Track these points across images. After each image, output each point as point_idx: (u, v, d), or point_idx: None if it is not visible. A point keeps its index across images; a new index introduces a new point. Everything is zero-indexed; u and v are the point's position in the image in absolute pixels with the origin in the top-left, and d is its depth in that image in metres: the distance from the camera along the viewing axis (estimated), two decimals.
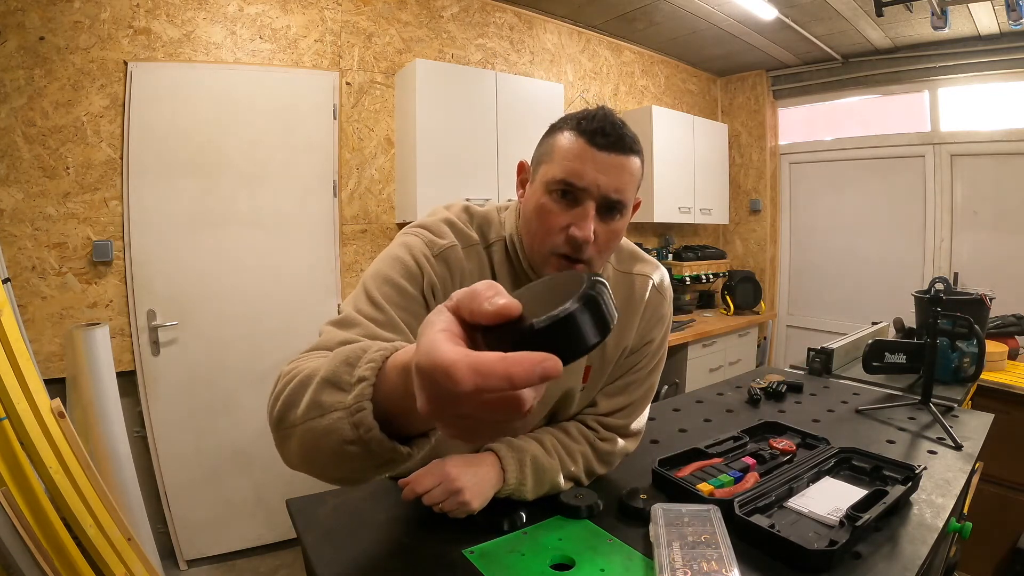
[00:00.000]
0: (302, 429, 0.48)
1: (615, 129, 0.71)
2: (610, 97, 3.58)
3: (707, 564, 0.63)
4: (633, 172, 0.74)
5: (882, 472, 0.93)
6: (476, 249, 0.82)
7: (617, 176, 0.72)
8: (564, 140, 0.73)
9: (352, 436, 0.42)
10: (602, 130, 0.71)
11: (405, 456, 0.43)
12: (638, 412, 0.95)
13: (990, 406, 1.61)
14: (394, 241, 0.81)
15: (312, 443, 0.47)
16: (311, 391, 0.48)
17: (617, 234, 0.76)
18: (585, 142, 0.71)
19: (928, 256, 3.47)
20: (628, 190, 0.73)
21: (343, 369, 0.45)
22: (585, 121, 0.72)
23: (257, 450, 2.30)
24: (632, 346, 0.92)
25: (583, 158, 0.71)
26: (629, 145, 0.72)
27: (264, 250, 2.30)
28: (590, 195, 0.72)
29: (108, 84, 1.96)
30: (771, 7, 2.85)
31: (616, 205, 0.73)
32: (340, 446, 0.43)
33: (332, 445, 0.44)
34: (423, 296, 0.75)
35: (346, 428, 0.42)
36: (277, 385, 0.56)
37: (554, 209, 0.73)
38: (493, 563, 0.70)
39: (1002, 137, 3.14)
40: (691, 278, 3.68)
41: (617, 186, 0.72)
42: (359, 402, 0.42)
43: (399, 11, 2.62)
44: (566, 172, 0.72)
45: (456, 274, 0.78)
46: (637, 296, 0.91)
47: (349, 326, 0.68)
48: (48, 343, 1.90)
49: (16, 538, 1.26)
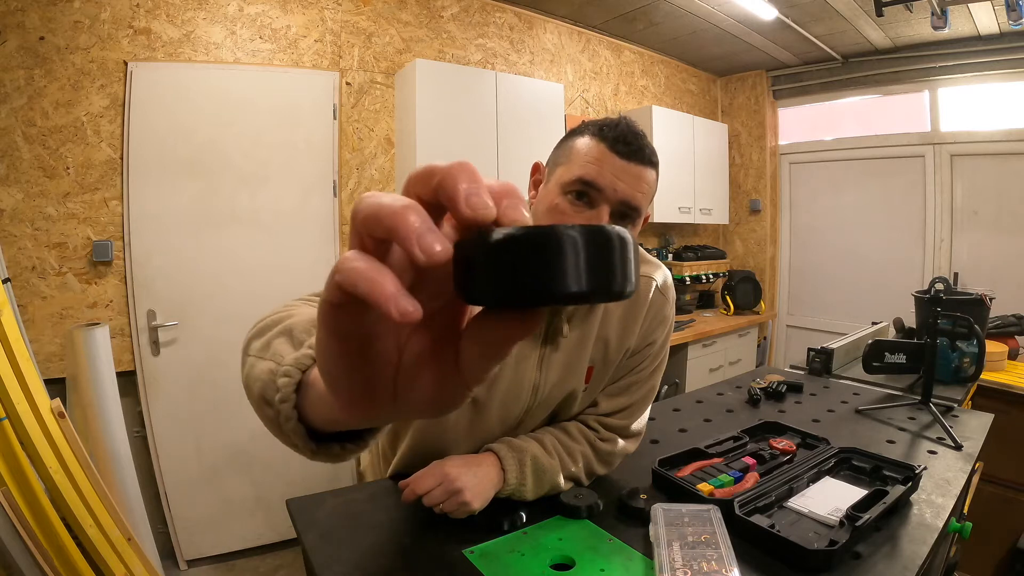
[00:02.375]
0: (250, 360, 0.48)
1: (636, 139, 0.73)
2: (610, 97, 3.58)
3: (707, 564, 0.63)
4: (650, 183, 0.75)
5: (882, 472, 0.93)
6: None
7: (635, 184, 0.73)
8: (584, 144, 0.75)
9: (271, 397, 0.37)
10: (623, 138, 0.72)
11: (310, 452, 0.35)
12: (639, 413, 0.95)
13: (990, 406, 1.61)
14: None
15: (247, 380, 0.47)
16: (274, 332, 0.48)
17: None
18: (606, 147, 0.73)
19: (928, 256, 3.47)
20: (643, 200, 0.75)
21: (306, 327, 0.44)
22: (607, 128, 0.74)
23: (257, 450, 2.30)
24: (634, 347, 0.92)
25: (602, 162, 0.72)
26: (648, 156, 0.74)
27: (264, 250, 2.30)
28: (606, 199, 0.73)
29: (108, 84, 1.96)
30: (771, 7, 2.85)
31: (630, 213, 0.75)
32: (260, 400, 0.41)
33: (256, 392, 0.43)
34: None
35: (270, 385, 0.38)
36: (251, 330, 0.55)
37: (568, 210, 0.74)
38: (493, 563, 0.70)
39: (1002, 137, 3.14)
40: (691, 278, 3.68)
41: (634, 194, 0.73)
42: (295, 365, 0.36)
43: (399, 11, 2.62)
44: (584, 172, 0.73)
45: None
46: (640, 297, 0.91)
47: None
48: (48, 343, 1.90)
49: (16, 538, 1.26)
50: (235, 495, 2.28)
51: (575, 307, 0.81)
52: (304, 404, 0.34)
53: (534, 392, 0.86)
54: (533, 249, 0.19)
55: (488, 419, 0.86)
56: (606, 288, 0.20)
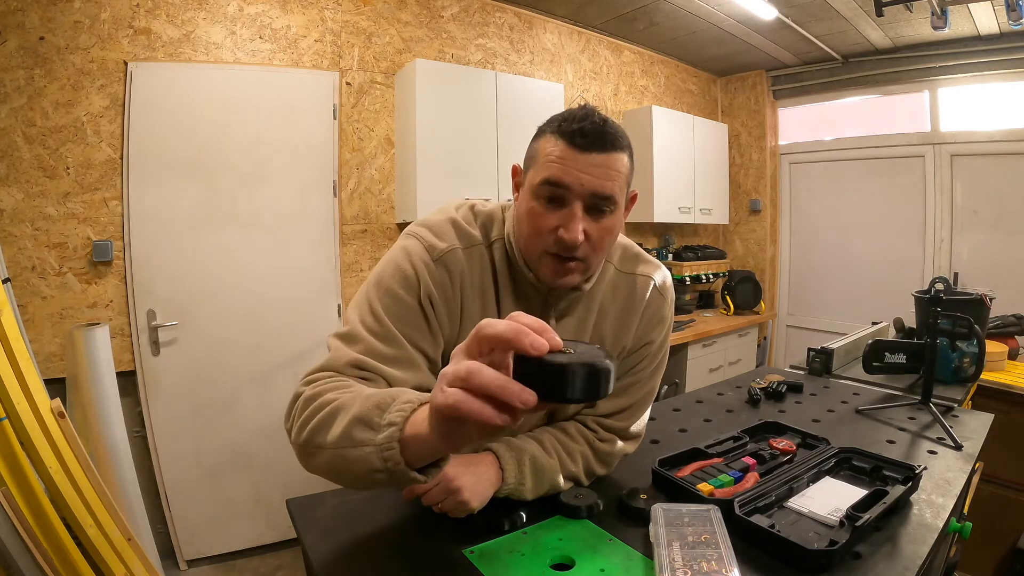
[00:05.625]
0: (332, 453, 0.60)
1: (595, 128, 0.71)
2: (610, 97, 3.58)
3: (707, 564, 0.63)
4: (618, 168, 0.74)
5: (882, 472, 0.93)
6: (479, 249, 0.83)
7: (602, 174, 0.72)
8: (547, 143, 0.74)
9: (380, 467, 0.53)
10: (581, 131, 0.71)
11: (422, 481, 0.54)
12: (638, 414, 0.95)
13: (990, 406, 1.61)
14: (398, 242, 0.83)
15: (341, 466, 0.59)
16: (343, 425, 0.59)
17: (610, 231, 0.76)
18: (565, 144, 0.72)
19: (928, 256, 3.47)
20: (615, 186, 0.74)
21: (374, 412, 0.56)
22: (565, 123, 0.73)
23: (257, 450, 2.30)
24: (631, 347, 0.92)
25: (565, 159, 0.72)
26: (611, 142, 0.73)
27: (264, 250, 2.30)
28: (576, 195, 0.72)
29: (108, 84, 1.96)
30: (771, 7, 2.85)
31: (603, 203, 0.74)
32: (369, 473, 0.55)
33: (361, 471, 0.56)
34: (420, 304, 0.77)
35: (376, 460, 0.54)
36: (300, 407, 0.67)
37: (543, 212, 0.74)
38: (493, 563, 0.70)
39: (1002, 137, 3.14)
40: (691, 278, 3.68)
41: (602, 184, 0.72)
42: (389, 442, 0.52)
43: (399, 11, 2.62)
44: (550, 176, 0.73)
45: (456, 277, 0.80)
46: (638, 296, 0.91)
47: (354, 342, 0.75)
48: (48, 343, 1.90)
49: (16, 538, 1.26)
50: (235, 495, 2.28)
51: (566, 304, 0.86)
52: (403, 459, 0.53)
53: None
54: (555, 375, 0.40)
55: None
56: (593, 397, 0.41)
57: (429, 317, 0.78)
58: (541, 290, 0.83)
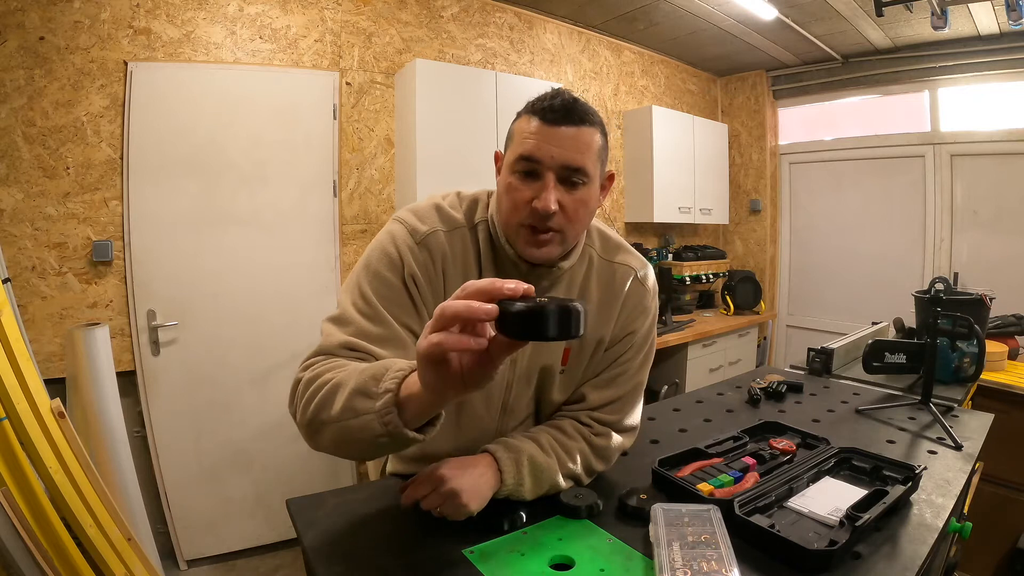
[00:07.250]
0: (336, 427, 0.64)
1: (564, 104, 0.77)
2: (610, 97, 3.58)
3: (707, 564, 0.63)
4: (588, 141, 0.78)
5: (882, 472, 0.93)
6: (461, 231, 0.87)
7: (571, 146, 0.77)
8: (521, 123, 0.81)
9: (382, 431, 0.59)
10: (551, 107, 0.77)
11: (421, 440, 0.60)
12: (630, 407, 0.96)
13: (990, 406, 1.61)
14: (384, 227, 0.88)
15: (346, 436, 0.64)
16: (344, 398, 0.63)
17: (584, 203, 0.80)
18: (537, 120, 0.78)
19: (928, 256, 3.47)
20: (586, 158, 0.78)
21: (371, 382, 0.61)
22: (538, 102, 0.79)
23: (257, 450, 2.30)
24: (613, 335, 0.93)
25: (537, 134, 0.77)
26: (580, 116, 0.78)
27: (264, 250, 2.30)
28: (548, 167, 0.77)
29: (108, 84, 1.96)
30: (771, 7, 2.85)
31: (575, 174, 0.78)
32: (373, 439, 0.60)
33: (365, 437, 0.61)
34: (404, 285, 0.82)
35: (377, 426, 0.59)
36: (301, 390, 0.71)
37: (519, 186, 0.79)
38: (493, 563, 0.70)
39: (1002, 137, 3.14)
40: (691, 278, 3.67)
41: (572, 156, 0.77)
42: (387, 407, 0.58)
43: (399, 11, 2.62)
44: (523, 149, 0.78)
45: (438, 258, 0.84)
46: (617, 284, 0.94)
47: (345, 324, 0.80)
48: (48, 343, 1.90)
49: (16, 538, 1.26)
50: (235, 495, 2.28)
51: (548, 283, 0.89)
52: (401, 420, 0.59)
53: (512, 364, 0.89)
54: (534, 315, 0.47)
55: (472, 401, 0.90)
56: (567, 334, 0.47)
57: (414, 296, 0.82)
58: (522, 268, 0.86)
